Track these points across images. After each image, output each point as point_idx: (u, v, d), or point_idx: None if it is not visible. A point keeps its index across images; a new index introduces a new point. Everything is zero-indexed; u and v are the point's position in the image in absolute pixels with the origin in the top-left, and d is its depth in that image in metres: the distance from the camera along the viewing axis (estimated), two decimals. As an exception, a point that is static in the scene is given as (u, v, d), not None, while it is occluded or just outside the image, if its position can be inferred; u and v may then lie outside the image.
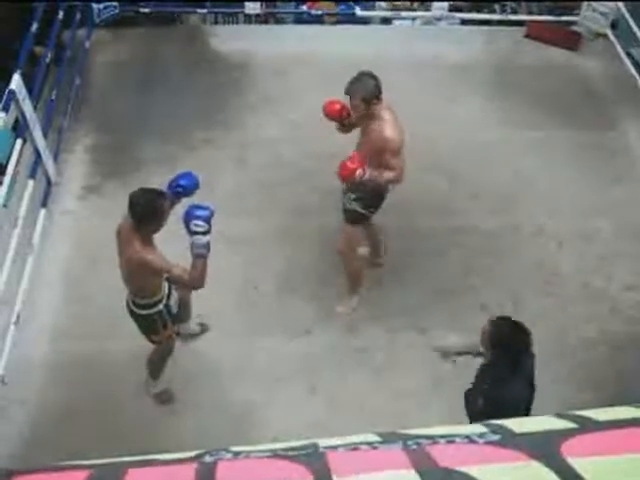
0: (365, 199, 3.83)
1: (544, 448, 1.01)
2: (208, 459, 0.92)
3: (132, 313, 3.48)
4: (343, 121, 3.80)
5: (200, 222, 3.05)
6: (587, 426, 1.09)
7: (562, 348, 4.23)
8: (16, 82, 4.20)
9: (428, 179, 5.08)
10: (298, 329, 4.24)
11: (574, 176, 5.17)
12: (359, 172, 3.54)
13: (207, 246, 3.10)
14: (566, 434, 1.06)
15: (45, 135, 4.72)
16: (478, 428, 1.12)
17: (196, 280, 3.15)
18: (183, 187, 3.37)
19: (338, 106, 3.75)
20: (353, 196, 3.83)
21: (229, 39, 6.10)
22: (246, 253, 4.56)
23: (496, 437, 1.07)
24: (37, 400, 3.85)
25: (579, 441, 1.04)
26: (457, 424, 3.44)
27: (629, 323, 4.37)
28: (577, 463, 0.97)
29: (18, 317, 4.09)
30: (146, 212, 3.09)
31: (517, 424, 1.13)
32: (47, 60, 4.89)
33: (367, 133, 3.66)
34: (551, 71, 6.00)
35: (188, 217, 3.08)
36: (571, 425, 1.10)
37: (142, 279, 3.29)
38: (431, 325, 4.31)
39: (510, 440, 1.06)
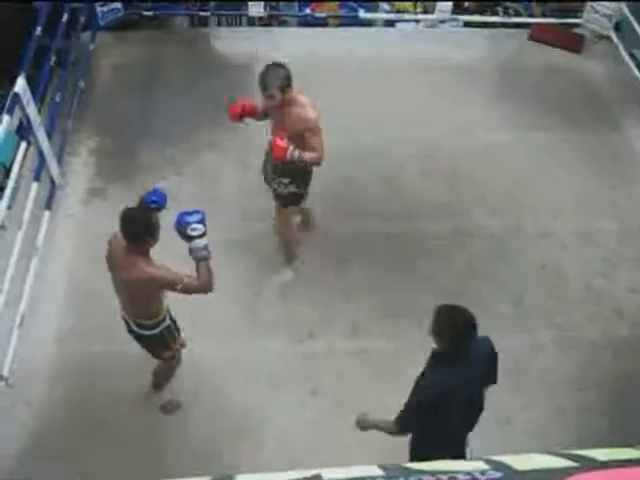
0: (297, 180, 4.00)
1: None
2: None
3: (140, 337, 3.43)
4: (246, 117, 3.93)
5: (196, 225, 3.05)
6: (588, 465, 1.10)
7: (565, 350, 4.24)
8: (20, 85, 4.21)
9: (432, 181, 5.09)
10: (301, 331, 4.24)
11: (578, 178, 5.17)
12: (291, 149, 3.68)
13: (207, 248, 3.10)
14: (567, 472, 1.06)
15: (49, 138, 4.73)
16: (480, 465, 1.12)
17: (206, 284, 3.13)
18: (156, 202, 3.33)
19: (238, 108, 3.88)
20: (286, 180, 3.99)
21: (233, 41, 6.10)
22: (249, 256, 4.57)
23: (498, 474, 1.07)
24: (42, 401, 3.87)
25: (580, 478, 1.05)
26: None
27: (632, 325, 4.37)
28: None
29: (22, 319, 4.10)
30: (142, 231, 3.06)
31: (518, 461, 1.14)
32: (51, 63, 4.90)
33: (284, 118, 3.76)
34: (555, 73, 6.00)
35: (182, 224, 3.07)
36: (572, 464, 1.11)
37: (150, 298, 3.25)
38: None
39: (511, 478, 1.06)
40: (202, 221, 3.08)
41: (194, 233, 3.05)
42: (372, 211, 4.88)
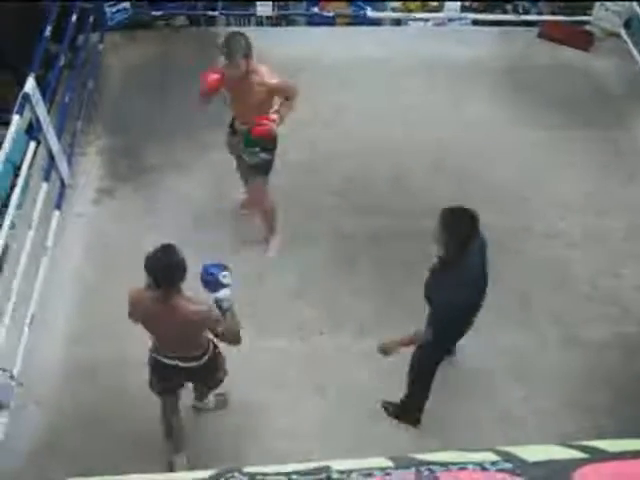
0: (268, 146, 4.06)
1: (556, 477, 1.02)
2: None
3: (193, 370, 3.28)
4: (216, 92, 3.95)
5: (225, 273, 2.96)
6: (598, 456, 1.10)
7: (573, 349, 4.22)
8: (30, 85, 4.24)
9: (439, 179, 5.08)
10: (309, 330, 4.25)
11: (586, 176, 5.15)
12: (272, 126, 3.84)
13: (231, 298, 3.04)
14: (578, 463, 1.06)
15: (58, 138, 4.76)
16: (490, 456, 1.12)
17: (238, 335, 3.06)
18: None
19: (216, 76, 3.85)
20: (257, 149, 4.05)
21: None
22: (255, 255, 4.58)
23: (508, 465, 1.07)
24: (53, 401, 3.90)
25: (591, 470, 1.05)
26: (470, 424, 3.44)
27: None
28: None
29: (32, 318, 4.13)
30: (177, 269, 2.90)
31: (528, 452, 1.13)
32: (61, 63, 4.93)
33: (247, 88, 3.80)
34: (564, 71, 5.98)
35: (213, 272, 2.95)
36: (582, 455, 1.11)
37: (200, 334, 3.15)
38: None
39: (522, 469, 1.06)
40: (227, 270, 2.99)
41: (226, 280, 2.96)
42: (380, 209, 4.88)
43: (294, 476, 1.02)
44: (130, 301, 3.10)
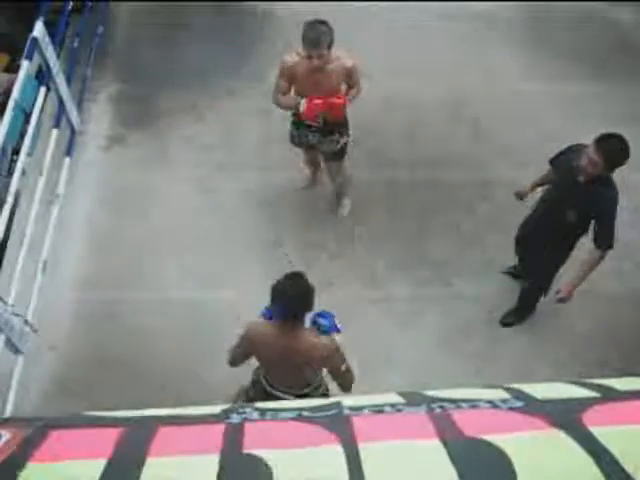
0: (343, 130, 4.03)
1: (566, 416, 1.01)
2: (235, 419, 0.92)
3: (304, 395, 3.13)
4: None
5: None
6: (609, 395, 1.09)
7: (585, 303, 4.21)
8: (39, 29, 4.16)
9: (456, 132, 5.00)
10: (320, 280, 4.23)
11: (608, 129, 5.02)
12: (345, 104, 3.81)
13: None
14: (588, 403, 1.06)
15: (68, 84, 4.70)
16: (501, 393, 1.11)
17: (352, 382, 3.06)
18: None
19: (320, 101, 3.74)
20: (335, 137, 4.02)
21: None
22: (268, 205, 4.56)
23: (519, 404, 1.07)
24: (67, 345, 3.95)
25: (600, 410, 1.04)
26: (480, 375, 3.46)
27: (655, 281, 4.32)
28: (597, 431, 0.97)
29: (45, 264, 4.15)
30: (306, 301, 2.78)
31: (539, 391, 1.13)
32: (69, 8, 4.82)
33: (325, 77, 3.72)
34: (585, 22, 5.77)
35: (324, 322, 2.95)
36: (593, 394, 1.10)
37: (317, 370, 3.07)
38: (455, 278, 4.32)
39: (533, 407, 1.05)
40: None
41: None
42: (394, 160, 4.83)
43: (305, 412, 1.02)
44: (247, 335, 2.92)
